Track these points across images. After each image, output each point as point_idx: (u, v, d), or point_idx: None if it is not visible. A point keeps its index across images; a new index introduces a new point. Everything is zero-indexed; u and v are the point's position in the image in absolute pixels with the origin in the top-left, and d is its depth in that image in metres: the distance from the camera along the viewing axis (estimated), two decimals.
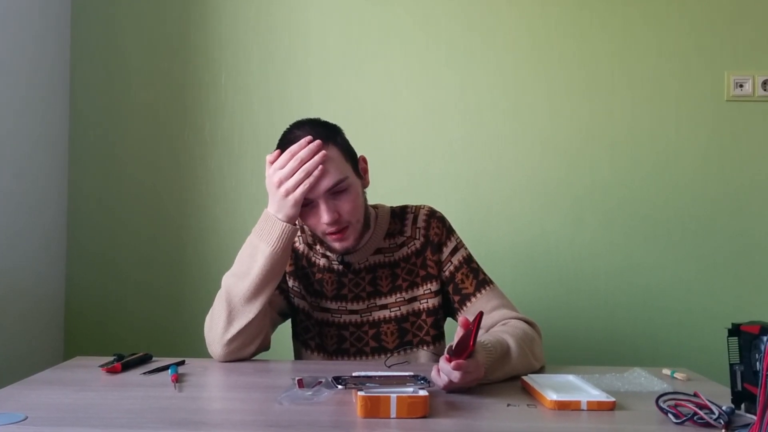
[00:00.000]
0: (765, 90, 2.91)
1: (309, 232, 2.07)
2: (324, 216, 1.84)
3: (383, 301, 2.03)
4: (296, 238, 2.07)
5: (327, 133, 1.88)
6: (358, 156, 1.98)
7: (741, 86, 2.92)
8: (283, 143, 1.89)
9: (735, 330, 1.39)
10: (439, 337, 2.05)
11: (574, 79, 2.97)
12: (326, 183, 1.82)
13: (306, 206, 1.87)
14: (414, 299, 2.02)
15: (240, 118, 2.99)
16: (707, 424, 1.30)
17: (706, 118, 2.95)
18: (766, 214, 2.94)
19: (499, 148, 2.97)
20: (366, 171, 2.00)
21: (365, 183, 1.99)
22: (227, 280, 1.89)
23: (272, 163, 1.85)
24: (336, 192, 1.85)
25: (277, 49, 3.01)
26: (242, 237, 2.96)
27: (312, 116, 1.97)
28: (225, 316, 1.86)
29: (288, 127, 1.94)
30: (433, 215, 2.07)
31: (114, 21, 3.02)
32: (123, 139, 3.01)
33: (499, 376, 1.66)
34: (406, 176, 2.96)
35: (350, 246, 1.93)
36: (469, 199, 2.95)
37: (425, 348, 2.02)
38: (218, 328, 1.87)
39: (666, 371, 1.81)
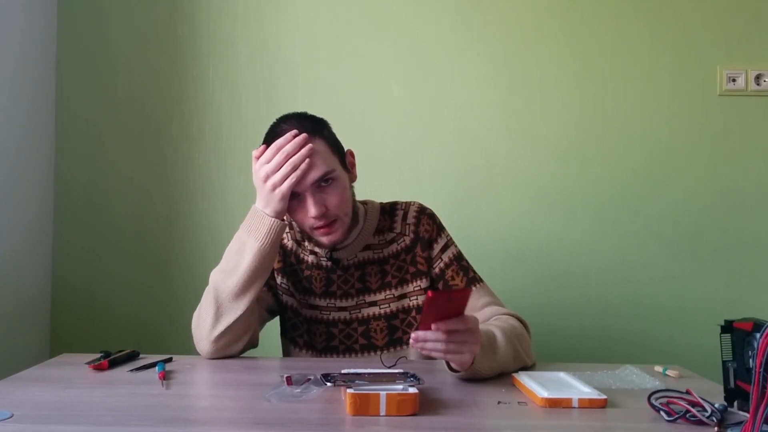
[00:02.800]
0: (758, 84, 2.91)
1: (297, 229, 2.07)
2: (311, 209, 1.83)
3: (372, 297, 2.02)
4: (284, 235, 2.06)
5: (313, 126, 1.88)
6: (346, 150, 1.98)
7: (734, 80, 2.92)
8: (270, 137, 1.88)
9: (728, 327, 1.38)
10: None
11: (565, 73, 2.96)
12: (313, 175, 1.82)
13: (293, 200, 1.86)
14: (404, 296, 2.02)
15: (227, 112, 2.98)
16: (700, 422, 1.30)
17: (698, 113, 2.95)
18: (758, 210, 2.94)
19: (489, 143, 2.96)
20: (353, 165, 2.00)
21: (353, 177, 1.99)
22: (215, 276, 1.88)
23: (258, 158, 1.84)
24: (323, 185, 1.85)
25: (265, 43, 2.99)
26: (230, 232, 2.95)
27: (299, 110, 1.96)
28: (213, 313, 1.84)
29: (274, 121, 1.93)
30: (423, 212, 2.07)
31: (100, 15, 2.99)
32: (109, 134, 2.99)
33: (488, 367, 1.65)
34: (395, 172, 2.95)
35: (338, 240, 1.92)
36: (459, 194, 2.94)
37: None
38: (206, 325, 1.85)
39: (658, 368, 1.81)
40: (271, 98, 2.97)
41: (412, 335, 1.52)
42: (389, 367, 1.73)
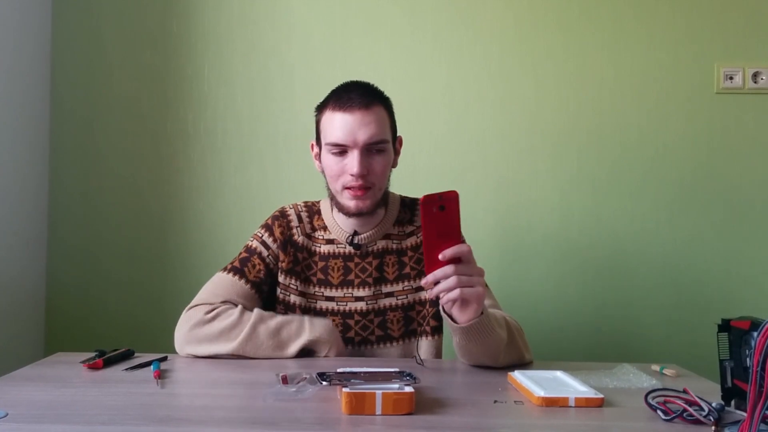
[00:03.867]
0: (755, 82, 2.91)
1: (306, 221, 2.07)
2: (355, 166, 1.86)
3: (389, 288, 2.03)
4: (294, 230, 2.06)
5: (382, 97, 1.98)
6: (398, 135, 2.04)
7: (731, 78, 2.91)
8: (337, 99, 1.93)
9: (725, 325, 1.38)
10: (438, 329, 2.07)
11: (561, 70, 2.96)
12: (370, 135, 1.87)
13: (339, 153, 1.90)
14: (421, 288, 2.04)
15: (223, 110, 2.97)
16: (697, 421, 1.30)
17: (695, 111, 2.94)
18: (754, 207, 2.93)
19: (485, 140, 2.96)
20: (399, 153, 2.05)
21: (395, 162, 2.03)
22: (259, 324, 1.87)
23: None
24: (374, 150, 1.90)
25: (260, 41, 2.98)
26: (225, 230, 2.96)
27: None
28: (216, 333, 1.86)
29: (343, 83, 2.00)
30: None
31: (95, 12, 2.98)
32: (104, 132, 2.98)
33: (495, 325, 1.69)
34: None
35: (364, 208, 1.93)
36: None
37: (425, 338, 2.03)
38: (199, 333, 1.87)
39: (655, 367, 1.81)
40: (266, 96, 2.96)
41: (423, 281, 1.58)
42: (421, 361, 1.75)
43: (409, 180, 2.87)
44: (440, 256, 1.55)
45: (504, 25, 2.96)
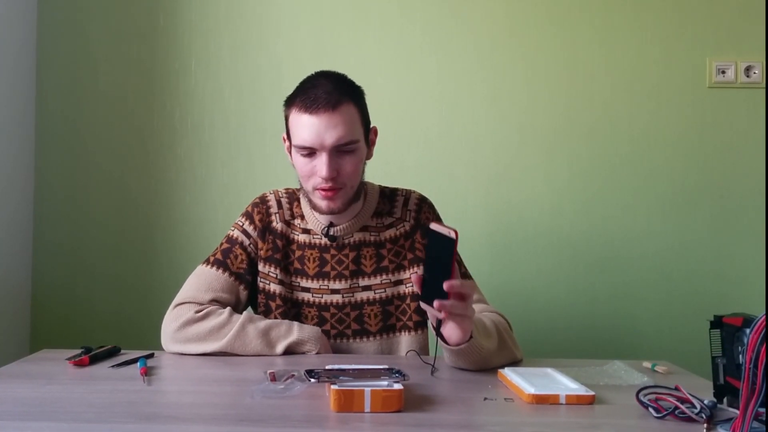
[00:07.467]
0: (748, 76, 2.91)
1: (286, 207, 2.05)
2: (323, 170, 1.83)
3: (367, 282, 2.01)
4: (273, 216, 2.04)
5: (350, 90, 1.90)
6: (371, 126, 2.00)
7: (723, 72, 2.92)
8: (304, 99, 1.87)
9: (717, 322, 1.38)
10: (421, 324, 2.03)
11: (552, 64, 2.96)
12: (338, 138, 1.82)
13: (306, 155, 1.86)
14: (399, 282, 2.01)
15: (210, 105, 2.96)
16: (689, 419, 1.29)
17: (687, 105, 2.94)
18: (747, 203, 2.94)
19: (476, 135, 2.95)
20: (374, 143, 2.02)
21: (369, 154, 2.00)
22: (248, 325, 1.86)
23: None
24: (343, 151, 1.86)
25: (248, 35, 2.97)
26: (212, 226, 2.94)
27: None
28: (202, 332, 1.85)
29: (312, 74, 1.95)
30: (424, 201, 2.10)
31: (81, 6, 2.97)
32: (90, 127, 2.96)
33: (485, 344, 1.67)
34: (381, 165, 2.90)
35: (336, 208, 1.91)
36: (446, 188, 2.93)
37: (408, 333, 2.01)
38: (187, 333, 1.86)
39: (646, 364, 1.80)
40: (254, 91, 2.94)
41: (437, 304, 1.52)
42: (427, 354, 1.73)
43: (399, 176, 2.88)
44: (446, 286, 1.49)
45: (495, 18, 2.96)
